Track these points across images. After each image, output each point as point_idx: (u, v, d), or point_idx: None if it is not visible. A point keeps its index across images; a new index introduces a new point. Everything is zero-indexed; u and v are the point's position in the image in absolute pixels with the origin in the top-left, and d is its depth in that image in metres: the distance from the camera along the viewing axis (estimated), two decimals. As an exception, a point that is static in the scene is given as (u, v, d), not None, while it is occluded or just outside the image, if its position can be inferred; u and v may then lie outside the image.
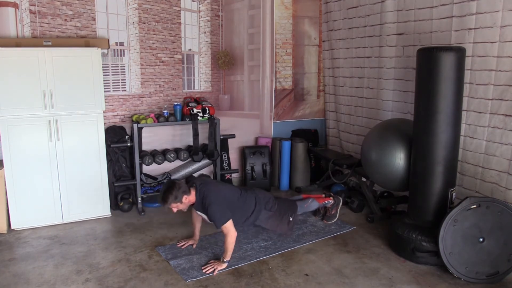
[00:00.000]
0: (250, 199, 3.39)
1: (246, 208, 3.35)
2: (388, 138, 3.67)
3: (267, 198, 3.51)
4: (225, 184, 3.54)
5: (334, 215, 3.92)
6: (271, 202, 3.49)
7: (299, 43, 5.33)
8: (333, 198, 3.94)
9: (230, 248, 3.11)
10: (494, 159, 3.41)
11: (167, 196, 3.04)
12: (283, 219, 3.51)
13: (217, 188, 3.26)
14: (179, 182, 3.13)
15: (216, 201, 3.13)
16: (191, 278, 2.96)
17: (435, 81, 3.08)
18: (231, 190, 3.38)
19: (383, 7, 4.33)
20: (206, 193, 3.15)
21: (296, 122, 5.48)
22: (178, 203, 3.09)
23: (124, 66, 4.45)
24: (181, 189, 3.07)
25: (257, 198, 3.43)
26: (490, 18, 3.32)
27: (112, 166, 4.29)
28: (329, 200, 3.91)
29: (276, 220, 3.49)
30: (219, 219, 3.09)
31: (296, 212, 3.65)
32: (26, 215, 3.80)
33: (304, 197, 3.90)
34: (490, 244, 2.92)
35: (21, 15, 3.91)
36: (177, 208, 3.13)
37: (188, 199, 3.13)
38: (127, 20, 4.38)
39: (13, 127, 3.66)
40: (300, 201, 3.77)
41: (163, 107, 4.45)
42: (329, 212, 3.93)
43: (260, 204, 3.42)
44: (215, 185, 3.33)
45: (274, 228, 3.52)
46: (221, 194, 3.23)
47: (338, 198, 3.95)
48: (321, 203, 3.87)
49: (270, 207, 3.46)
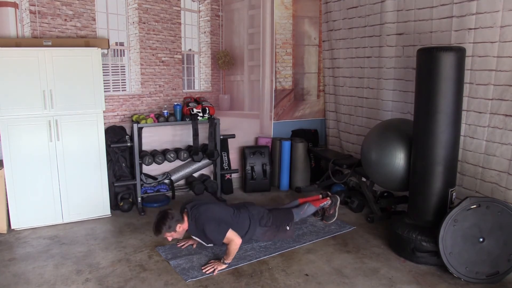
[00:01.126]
0: (243, 217, 3.38)
1: (241, 227, 3.32)
2: (388, 138, 3.67)
3: (261, 213, 3.48)
4: (217, 204, 3.48)
5: (333, 215, 3.92)
6: (265, 217, 3.47)
7: (299, 43, 5.33)
8: (330, 198, 3.94)
9: (233, 252, 3.13)
10: (494, 159, 3.40)
11: (160, 226, 3.06)
12: (279, 230, 3.51)
13: (208, 208, 3.25)
14: (172, 212, 3.14)
15: (210, 219, 3.14)
16: (191, 278, 2.96)
17: (435, 81, 3.08)
18: (223, 209, 3.36)
19: (383, 7, 4.33)
20: (198, 215, 3.16)
21: (296, 122, 5.48)
22: (172, 232, 3.10)
23: (124, 66, 4.45)
24: (174, 219, 3.09)
25: (250, 216, 3.41)
26: (490, 18, 3.32)
27: (112, 166, 4.29)
28: (326, 201, 3.90)
29: (273, 232, 3.50)
30: (218, 235, 3.11)
31: (293, 221, 3.63)
32: (26, 215, 3.80)
33: (301, 201, 3.87)
34: (490, 244, 2.92)
35: (21, 15, 3.91)
36: (172, 237, 3.15)
37: (182, 227, 3.15)
38: (127, 20, 4.38)
39: (13, 127, 3.66)
40: (296, 209, 3.73)
41: (163, 107, 4.45)
42: (328, 212, 3.93)
43: (254, 221, 3.41)
44: (206, 205, 3.30)
45: (272, 239, 3.52)
46: (214, 213, 3.22)
47: (335, 197, 3.95)
48: (318, 206, 3.85)
49: (265, 223, 3.45)
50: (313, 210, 3.81)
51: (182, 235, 3.23)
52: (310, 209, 3.79)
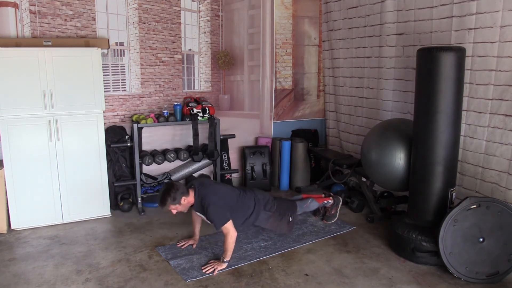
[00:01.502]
0: (249, 200, 3.40)
1: (245, 209, 3.36)
2: (388, 138, 3.67)
3: (266, 198, 3.51)
4: (224, 185, 3.54)
5: (334, 215, 3.92)
6: (270, 202, 3.49)
7: (299, 43, 5.33)
8: (332, 198, 3.93)
9: (230, 248, 3.12)
10: (494, 159, 3.40)
11: (165, 198, 3.05)
12: (282, 219, 3.52)
13: (215, 189, 3.27)
14: (177, 184, 3.13)
15: (215, 202, 3.14)
16: (191, 278, 2.96)
17: (435, 81, 3.08)
18: (230, 191, 3.37)
19: (383, 7, 4.33)
20: (205, 194, 3.16)
21: (296, 122, 5.48)
22: (177, 205, 3.09)
23: (124, 66, 4.45)
24: (179, 191, 3.07)
25: (256, 199, 3.43)
26: (490, 18, 3.32)
27: (112, 166, 4.29)
28: (329, 200, 3.91)
29: (276, 220, 3.49)
30: (219, 220, 3.10)
31: (296, 212, 3.65)
32: (26, 215, 3.80)
33: (304, 197, 3.90)
34: (490, 244, 2.92)
35: (21, 15, 3.91)
36: (176, 210, 3.13)
37: (187, 201, 3.13)
38: (127, 20, 4.38)
39: (13, 127, 3.66)
40: (299, 201, 3.77)
41: (163, 107, 4.45)
42: (329, 212, 3.93)
43: (259, 205, 3.42)
44: (213, 186, 3.33)
45: (274, 228, 3.53)
46: (220, 195, 3.23)
47: (337, 198, 3.95)
48: (321, 203, 3.86)
49: (270, 208, 3.46)
50: (315, 206, 3.82)
51: (187, 208, 3.20)
52: (313, 204, 3.80)
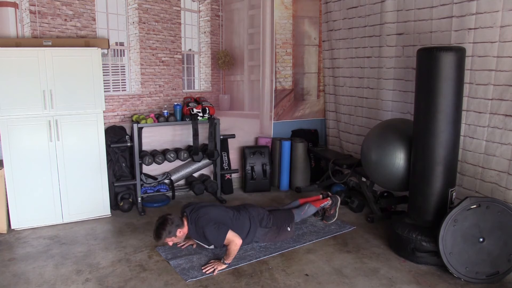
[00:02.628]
0: (243, 219, 3.38)
1: (241, 229, 3.32)
2: (388, 138, 3.67)
3: (261, 214, 3.49)
4: (216, 206, 3.46)
5: (333, 215, 3.92)
6: (265, 218, 3.48)
7: (299, 43, 5.34)
8: (331, 198, 3.94)
9: (233, 253, 3.13)
10: (494, 159, 3.40)
11: (160, 232, 3.08)
12: (280, 231, 3.52)
13: (207, 211, 3.25)
14: (171, 217, 3.14)
15: (208, 223, 3.15)
16: (191, 278, 2.97)
17: (435, 81, 3.08)
18: (222, 212, 3.35)
19: (383, 7, 4.33)
20: (197, 218, 3.17)
21: (296, 122, 5.48)
22: (173, 237, 3.13)
23: (124, 66, 4.45)
24: (174, 224, 3.11)
25: (250, 217, 3.42)
26: (490, 18, 3.32)
27: (112, 166, 4.29)
28: (327, 201, 3.91)
29: (274, 234, 3.50)
30: (218, 238, 3.13)
31: (294, 221, 3.64)
32: (26, 215, 3.80)
33: (301, 202, 3.88)
34: (490, 244, 2.92)
35: (21, 15, 3.91)
36: (172, 241, 3.17)
37: (182, 232, 3.17)
38: (127, 20, 4.38)
39: (13, 127, 3.66)
40: (296, 209, 3.74)
41: (163, 107, 4.45)
42: (328, 212, 3.93)
43: (254, 223, 3.41)
44: (205, 208, 3.29)
45: (274, 241, 3.52)
46: (213, 216, 3.22)
47: (336, 198, 3.95)
48: (319, 207, 3.86)
49: (266, 224, 3.46)
50: (313, 210, 3.82)
51: (183, 239, 3.26)
52: (311, 210, 3.80)
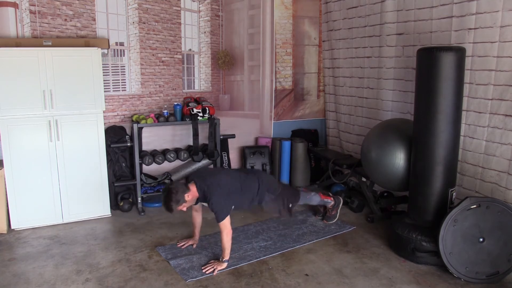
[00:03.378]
0: (253, 182, 3.38)
1: (250, 191, 3.36)
2: (388, 138, 3.67)
3: (271, 181, 3.57)
4: (225, 173, 3.47)
5: (334, 216, 3.93)
6: (274, 186, 3.53)
7: (299, 43, 5.34)
8: (334, 199, 3.95)
9: (227, 246, 3.12)
10: (494, 159, 3.40)
11: (169, 204, 3.04)
12: (284, 204, 3.55)
13: (217, 180, 3.22)
14: (174, 186, 3.10)
15: (218, 193, 3.12)
16: (191, 278, 2.96)
17: (435, 81, 3.08)
18: (232, 179, 3.32)
19: (383, 7, 4.33)
20: (207, 186, 3.14)
21: (296, 122, 5.48)
22: (183, 203, 3.09)
23: (124, 66, 4.45)
24: (179, 191, 3.06)
25: (259, 181, 3.42)
26: (490, 18, 3.32)
27: (112, 166, 4.29)
28: (330, 199, 3.92)
29: (278, 204, 3.52)
30: (221, 213, 3.10)
31: (297, 201, 3.71)
32: (26, 215, 3.80)
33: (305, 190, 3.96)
34: (490, 244, 2.92)
35: (21, 15, 3.91)
36: (185, 207, 3.14)
37: (190, 196, 3.12)
38: (127, 20, 4.38)
39: (13, 127, 3.65)
40: (303, 192, 3.84)
41: (163, 107, 4.45)
42: (329, 213, 3.94)
43: (263, 186, 3.41)
44: (215, 176, 3.26)
45: (275, 211, 3.58)
46: (223, 185, 3.20)
47: (338, 199, 3.96)
48: (323, 199, 3.88)
49: (273, 191, 3.49)
50: (317, 200, 3.86)
51: (195, 201, 3.21)
52: (315, 198, 3.85)
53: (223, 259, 3.12)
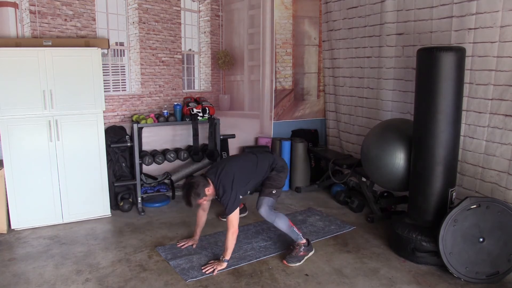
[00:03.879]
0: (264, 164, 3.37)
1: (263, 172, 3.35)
2: (388, 138, 3.67)
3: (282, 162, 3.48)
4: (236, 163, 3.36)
5: (300, 258, 3.23)
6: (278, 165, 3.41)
7: (299, 43, 5.34)
8: (309, 242, 3.34)
9: (230, 246, 3.11)
10: (494, 159, 3.40)
11: (189, 198, 3.07)
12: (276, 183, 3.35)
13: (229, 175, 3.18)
14: (195, 180, 3.14)
15: (229, 189, 3.12)
16: (191, 278, 2.96)
17: (435, 81, 3.08)
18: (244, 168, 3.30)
19: (383, 7, 4.33)
20: (220, 182, 3.14)
21: (296, 122, 5.48)
22: (204, 197, 3.12)
23: (124, 66, 4.45)
24: (200, 185, 3.09)
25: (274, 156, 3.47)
26: (490, 18, 3.32)
27: (112, 166, 4.29)
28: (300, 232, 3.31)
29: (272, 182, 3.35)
30: (230, 208, 3.09)
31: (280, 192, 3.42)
32: (26, 215, 3.80)
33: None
34: (490, 244, 2.92)
35: (21, 15, 3.91)
36: (205, 201, 3.19)
37: (211, 190, 3.15)
38: (127, 20, 4.38)
39: (13, 127, 3.65)
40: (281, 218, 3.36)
41: (163, 107, 4.45)
42: (297, 251, 3.24)
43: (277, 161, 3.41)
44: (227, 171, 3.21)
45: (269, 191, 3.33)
46: (236, 180, 3.17)
47: (311, 248, 3.35)
48: (292, 226, 3.31)
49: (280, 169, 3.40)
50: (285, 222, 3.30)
51: (214, 195, 3.22)
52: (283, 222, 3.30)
53: (223, 259, 3.11)
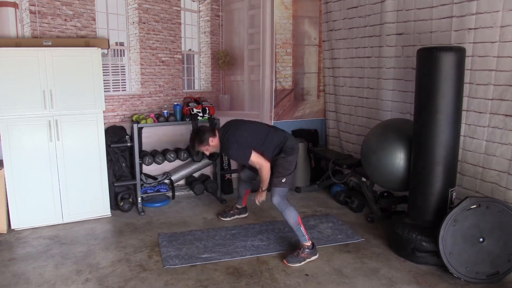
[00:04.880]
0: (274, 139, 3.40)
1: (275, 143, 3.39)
2: (388, 138, 3.67)
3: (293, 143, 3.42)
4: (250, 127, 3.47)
5: (300, 259, 3.19)
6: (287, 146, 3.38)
7: (299, 43, 5.33)
8: (314, 246, 3.28)
9: (265, 178, 3.39)
10: (494, 159, 3.40)
11: (193, 142, 3.37)
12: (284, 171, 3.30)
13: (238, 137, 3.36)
14: (203, 128, 3.46)
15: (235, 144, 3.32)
16: (170, 265, 3.11)
17: (435, 81, 3.08)
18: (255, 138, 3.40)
19: (383, 7, 4.33)
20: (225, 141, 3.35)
21: (296, 122, 5.48)
22: (206, 146, 3.37)
23: (124, 66, 4.45)
24: (206, 134, 3.36)
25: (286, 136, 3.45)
26: (490, 18, 3.32)
27: (112, 166, 4.29)
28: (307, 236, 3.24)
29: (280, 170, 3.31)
30: (242, 158, 3.36)
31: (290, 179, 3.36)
32: (26, 215, 3.80)
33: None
34: (490, 244, 2.92)
35: (21, 15, 3.91)
36: (208, 150, 3.42)
37: (215, 142, 3.39)
38: (127, 20, 4.38)
39: (13, 127, 3.65)
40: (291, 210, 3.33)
41: (163, 107, 4.45)
42: (299, 252, 3.20)
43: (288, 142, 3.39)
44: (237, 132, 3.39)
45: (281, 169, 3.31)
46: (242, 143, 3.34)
47: (316, 251, 3.28)
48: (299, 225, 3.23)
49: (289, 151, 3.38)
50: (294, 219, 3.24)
51: (218, 148, 3.45)
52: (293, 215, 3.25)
53: (262, 189, 3.42)
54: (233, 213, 4.07)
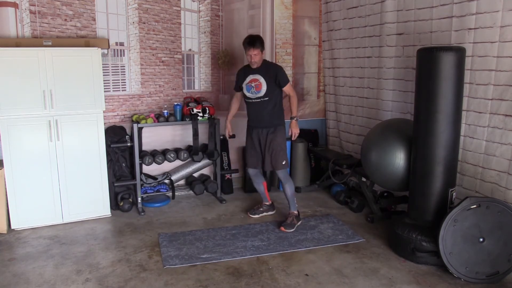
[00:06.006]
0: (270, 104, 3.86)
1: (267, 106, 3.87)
2: (388, 138, 3.67)
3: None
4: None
5: (293, 225, 3.83)
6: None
7: (299, 43, 5.33)
8: (298, 213, 3.99)
9: (295, 105, 3.80)
10: (494, 159, 3.40)
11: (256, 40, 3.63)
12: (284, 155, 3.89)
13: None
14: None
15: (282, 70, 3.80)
16: (169, 265, 3.11)
17: (435, 81, 3.08)
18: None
19: (383, 7, 4.33)
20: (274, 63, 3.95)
21: (296, 122, 5.47)
22: (259, 50, 3.65)
23: (124, 66, 4.45)
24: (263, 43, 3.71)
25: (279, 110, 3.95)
26: (490, 18, 3.32)
27: (112, 166, 4.29)
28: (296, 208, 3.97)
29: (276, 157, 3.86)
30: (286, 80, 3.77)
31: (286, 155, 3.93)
32: (26, 215, 3.80)
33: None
34: (490, 244, 2.92)
35: (21, 15, 3.91)
36: (257, 55, 3.65)
37: (262, 55, 3.72)
38: (127, 20, 4.38)
39: (13, 127, 3.66)
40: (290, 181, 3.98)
41: (163, 107, 4.45)
42: (293, 220, 3.86)
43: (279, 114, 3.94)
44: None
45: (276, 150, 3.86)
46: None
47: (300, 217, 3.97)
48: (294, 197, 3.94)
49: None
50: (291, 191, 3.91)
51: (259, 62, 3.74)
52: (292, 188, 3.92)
53: (292, 116, 3.77)
54: (262, 210, 4.14)
